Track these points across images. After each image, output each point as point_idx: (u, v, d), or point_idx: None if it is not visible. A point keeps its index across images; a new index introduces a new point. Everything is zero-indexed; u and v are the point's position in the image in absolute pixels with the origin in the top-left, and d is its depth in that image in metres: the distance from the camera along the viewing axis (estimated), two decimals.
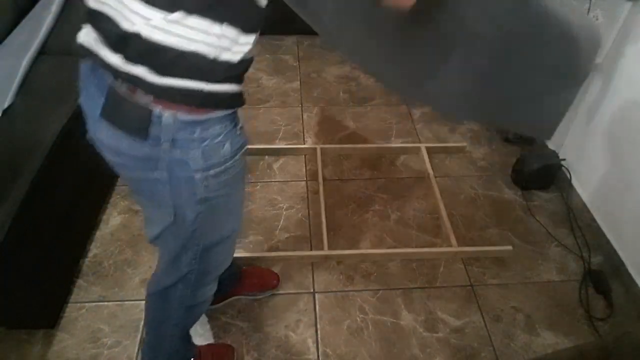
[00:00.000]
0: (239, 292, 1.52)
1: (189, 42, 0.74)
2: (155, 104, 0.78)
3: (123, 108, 0.82)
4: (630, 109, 1.58)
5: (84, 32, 0.88)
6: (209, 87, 0.80)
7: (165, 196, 0.90)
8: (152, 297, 1.14)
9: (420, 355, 1.42)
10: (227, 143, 0.86)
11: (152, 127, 0.80)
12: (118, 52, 0.78)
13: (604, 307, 1.55)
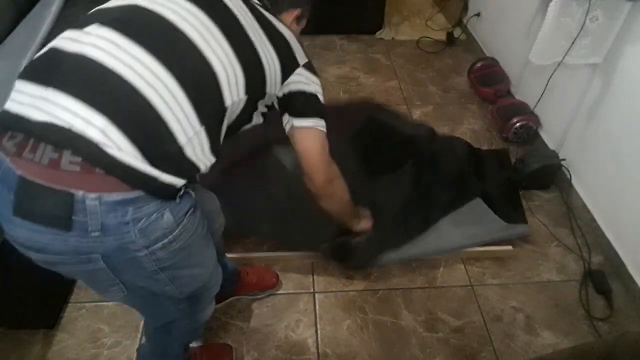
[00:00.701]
0: (239, 292, 1.52)
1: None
2: (76, 185, 0.68)
3: (38, 196, 0.69)
4: (630, 109, 1.58)
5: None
6: (154, 173, 0.72)
7: (110, 280, 0.81)
8: (154, 331, 1.12)
9: (420, 355, 1.42)
10: (166, 213, 0.76)
11: (75, 215, 0.69)
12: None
13: (604, 307, 1.55)
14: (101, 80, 0.74)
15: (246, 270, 1.54)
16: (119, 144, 0.70)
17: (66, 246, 0.73)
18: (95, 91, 0.73)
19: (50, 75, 0.77)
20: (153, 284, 0.85)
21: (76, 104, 0.71)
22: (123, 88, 0.73)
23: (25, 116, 0.72)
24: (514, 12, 2.35)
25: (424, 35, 2.94)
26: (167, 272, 0.83)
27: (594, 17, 1.60)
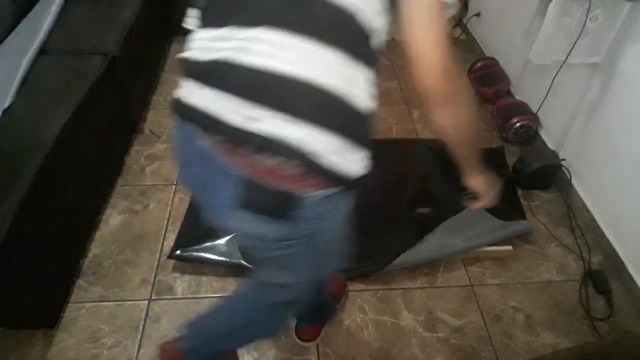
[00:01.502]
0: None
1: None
2: (295, 185, 0.76)
3: (263, 192, 0.77)
4: (630, 108, 1.58)
5: (196, 94, 0.79)
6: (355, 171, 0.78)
7: (298, 263, 0.91)
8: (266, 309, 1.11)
9: (420, 355, 1.42)
10: (348, 202, 0.85)
11: (295, 209, 0.78)
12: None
13: (604, 307, 1.55)
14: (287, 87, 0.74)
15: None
16: (327, 149, 0.75)
17: (278, 234, 0.82)
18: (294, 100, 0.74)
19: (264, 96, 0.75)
20: (315, 267, 0.95)
21: (270, 112, 0.73)
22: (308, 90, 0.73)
23: (235, 125, 0.74)
24: (514, 12, 2.35)
25: None
26: (329, 257, 0.95)
27: (593, 17, 1.60)
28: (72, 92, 1.66)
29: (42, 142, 1.44)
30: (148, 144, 2.13)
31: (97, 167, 1.81)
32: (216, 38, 0.78)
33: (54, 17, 2.01)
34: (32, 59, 1.76)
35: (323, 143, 0.74)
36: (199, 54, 0.80)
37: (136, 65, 2.19)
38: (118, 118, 2.03)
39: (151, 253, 1.68)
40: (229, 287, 1.58)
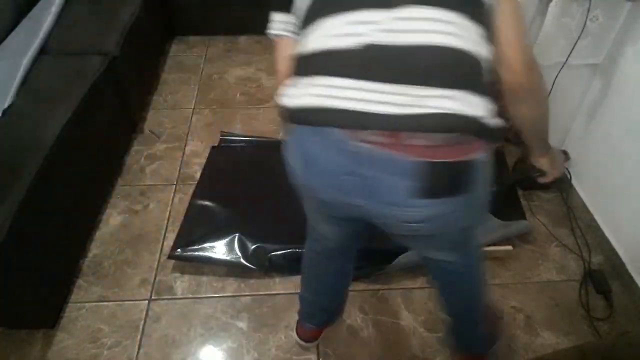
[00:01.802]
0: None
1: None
2: (464, 153, 0.77)
3: (438, 173, 0.76)
4: (630, 109, 1.58)
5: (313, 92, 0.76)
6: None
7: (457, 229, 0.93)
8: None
9: (420, 355, 1.42)
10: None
11: (470, 178, 0.79)
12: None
13: (604, 307, 1.55)
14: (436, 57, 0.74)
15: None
16: (486, 110, 0.76)
17: (456, 209, 0.82)
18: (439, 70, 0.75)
19: (390, 70, 0.75)
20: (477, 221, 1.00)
21: (430, 90, 0.73)
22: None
23: (389, 113, 0.73)
24: None
25: None
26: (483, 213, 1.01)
27: (594, 17, 1.59)
28: (72, 92, 1.66)
29: (42, 142, 1.44)
30: (148, 144, 2.13)
31: (97, 167, 1.81)
32: (349, 23, 0.76)
33: (54, 17, 2.01)
34: (32, 59, 1.76)
35: (482, 106, 0.76)
36: (330, 43, 0.76)
37: (136, 65, 2.19)
38: (118, 118, 2.03)
39: (151, 253, 1.68)
40: (229, 287, 1.58)
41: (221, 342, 1.44)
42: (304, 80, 0.80)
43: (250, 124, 2.25)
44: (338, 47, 0.77)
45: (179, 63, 2.69)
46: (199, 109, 2.35)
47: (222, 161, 2.01)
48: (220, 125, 2.23)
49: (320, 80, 0.77)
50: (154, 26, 2.59)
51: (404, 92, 0.73)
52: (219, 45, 2.84)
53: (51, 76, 1.74)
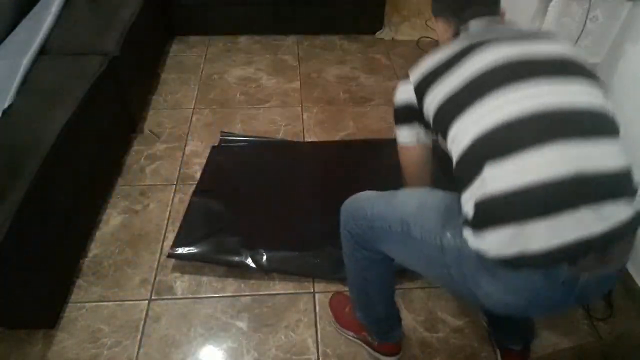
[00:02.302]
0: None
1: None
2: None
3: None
4: (630, 109, 1.57)
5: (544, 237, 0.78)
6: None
7: None
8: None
9: (420, 355, 1.42)
10: None
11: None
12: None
13: (604, 307, 1.55)
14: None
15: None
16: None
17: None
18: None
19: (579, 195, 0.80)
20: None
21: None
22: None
23: (586, 236, 0.77)
24: (514, 12, 2.35)
25: (424, 35, 2.94)
26: None
27: (594, 17, 1.59)
28: (72, 92, 1.66)
29: (42, 142, 1.44)
30: (148, 144, 2.13)
31: (97, 167, 1.81)
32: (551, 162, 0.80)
33: (54, 17, 2.01)
34: (32, 59, 1.76)
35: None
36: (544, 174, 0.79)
37: (136, 65, 2.19)
38: (118, 118, 2.03)
39: (151, 253, 1.68)
40: (229, 287, 1.58)
41: (221, 342, 1.44)
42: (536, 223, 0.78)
43: (250, 124, 2.25)
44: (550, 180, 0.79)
45: (179, 63, 2.69)
46: (199, 109, 2.35)
47: (222, 161, 2.01)
48: (220, 125, 2.23)
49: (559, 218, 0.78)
50: (154, 26, 2.59)
51: (601, 208, 0.78)
52: (219, 45, 2.84)
53: (51, 76, 1.74)
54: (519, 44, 0.91)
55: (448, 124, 0.89)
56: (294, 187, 1.88)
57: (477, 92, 0.86)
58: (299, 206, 1.81)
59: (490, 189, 0.80)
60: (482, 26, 1.03)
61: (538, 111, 0.82)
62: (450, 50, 0.96)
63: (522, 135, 0.81)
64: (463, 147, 0.85)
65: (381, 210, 1.04)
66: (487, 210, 0.80)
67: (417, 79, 1.00)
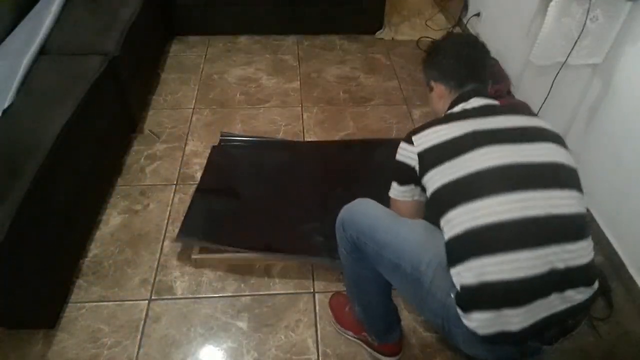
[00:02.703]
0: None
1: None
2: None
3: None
4: (630, 109, 1.58)
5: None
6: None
7: None
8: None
9: (420, 355, 1.42)
10: None
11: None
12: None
13: (604, 307, 1.55)
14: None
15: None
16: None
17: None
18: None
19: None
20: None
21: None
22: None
23: (551, 313, 0.95)
24: (514, 12, 2.35)
25: (424, 35, 2.94)
26: None
27: (594, 17, 1.59)
28: (72, 92, 1.66)
29: (42, 142, 1.44)
30: (148, 144, 2.13)
31: (97, 167, 1.80)
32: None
33: (54, 17, 2.01)
34: (32, 59, 1.76)
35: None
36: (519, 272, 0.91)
37: (136, 65, 2.19)
38: (118, 118, 2.03)
39: (151, 253, 1.68)
40: (229, 287, 1.58)
41: (221, 342, 1.44)
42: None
43: (250, 124, 2.25)
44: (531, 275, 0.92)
45: (179, 63, 2.69)
46: (199, 109, 2.35)
47: (223, 160, 2.01)
48: (220, 125, 2.23)
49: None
50: (154, 26, 2.59)
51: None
52: (219, 45, 2.84)
53: (51, 76, 1.74)
54: (518, 148, 1.01)
55: (445, 208, 0.98)
56: (294, 186, 1.88)
57: (477, 191, 0.96)
58: (299, 205, 1.81)
59: (477, 279, 0.91)
60: (481, 104, 1.12)
61: (524, 217, 0.93)
62: (456, 131, 1.03)
63: (507, 237, 0.92)
64: (454, 234, 0.95)
65: (391, 240, 1.07)
66: (473, 297, 0.92)
67: (423, 149, 1.04)
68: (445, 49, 1.20)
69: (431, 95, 1.24)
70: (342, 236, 1.18)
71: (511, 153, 0.99)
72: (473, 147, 0.99)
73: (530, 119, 1.12)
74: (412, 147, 1.06)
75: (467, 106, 1.12)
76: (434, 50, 1.22)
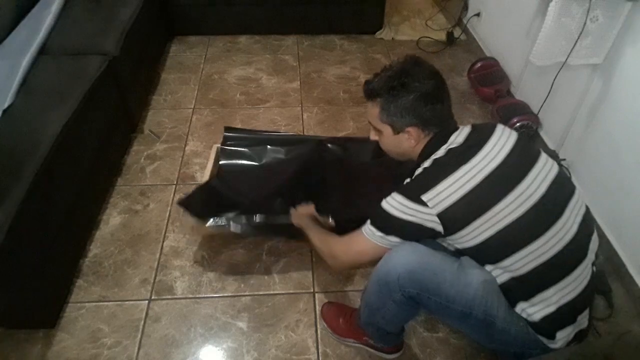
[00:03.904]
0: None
1: None
2: None
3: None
4: (630, 109, 1.58)
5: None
6: None
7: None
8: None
9: (420, 355, 1.42)
10: None
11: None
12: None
13: (604, 307, 1.55)
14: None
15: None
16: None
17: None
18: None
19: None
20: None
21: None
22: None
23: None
24: (514, 12, 2.35)
25: (424, 35, 2.94)
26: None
27: (594, 17, 1.59)
28: (72, 92, 1.66)
29: (42, 142, 1.44)
30: (148, 144, 2.13)
31: (97, 167, 1.80)
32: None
33: (54, 17, 2.01)
34: (32, 59, 1.76)
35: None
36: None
37: (136, 65, 2.19)
38: (118, 118, 2.03)
39: (151, 253, 1.68)
40: (229, 287, 1.58)
41: (221, 342, 1.44)
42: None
43: (250, 124, 2.25)
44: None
45: (179, 63, 2.69)
46: (199, 109, 2.35)
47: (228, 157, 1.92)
48: (220, 125, 2.23)
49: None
50: (154, 26, 2.59)
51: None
52: (219, 45, 2.84)
53: (51, 76, 1.74)
54: (529, 180, 1.03)
55: (499, 257, 1.03)
56: (301, 180, 1.81)
57: (526, 238, 1.01)
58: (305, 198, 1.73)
59: (555, 307, 1.04)
60: (460, 140, 1.08)
61: (566, 244, 1.04)
62: (468, 181, 1.01)
63: (562, 263, 1.05)
64: (519, 274, 1.03)
65: (460, 292, 1.05)
66: (553, 322, 1.04)
67: (443, 209, 1.01)
68: (414, 88, 1.07)
69: (397, 137, 1.14)
70: (392, 290, 1.08)
71: (529, 191, 1.02)
72: (498, 199, 1.00)
73: (503, 134, 1.10)
74: (427, 209, 1.01)
75: (454, 144, 1.07)
76: (401, 89, 1.08)
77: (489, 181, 1.01)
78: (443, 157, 1.07)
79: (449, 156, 1.07)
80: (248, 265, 1.65)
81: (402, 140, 1.14)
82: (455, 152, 1.06)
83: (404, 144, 1.14)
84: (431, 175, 1.05)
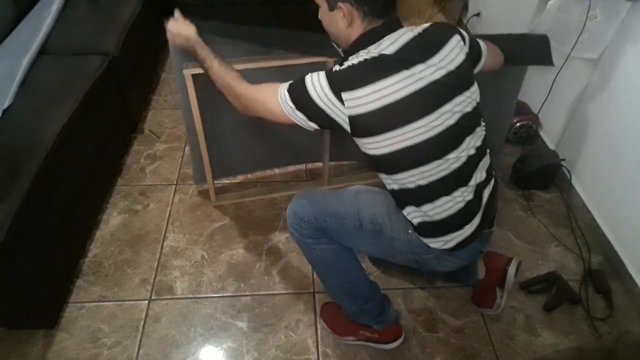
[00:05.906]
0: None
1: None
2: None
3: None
4: (630, 108, 1.58)
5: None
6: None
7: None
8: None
9: (420, 355, 1.42)
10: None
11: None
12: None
13: (604, 307, 1.55)
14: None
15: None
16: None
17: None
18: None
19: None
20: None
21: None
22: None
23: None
24: (513, 12, 2.35)
25: None
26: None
27: (592, 16, 1.60)
28: (72, 92, 1.66)
29: (42, 142, 1.44)
30: (148, 144, 2.13)
31: (97, 167, 1.80)
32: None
33: (54, 17, 2.01)
34: (32, 59, 1.76)
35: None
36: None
37: (136, 65, 2.19)
38: (118, 118, 2.03)
39: (151, 253, 1.68)
40: (229, 287, 1.58)
41: (221, 342, 1.44)
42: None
43: None
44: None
45: None
46: None
47: None
48: None
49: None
50: (154, 26, 2.58)
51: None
52: None
53: (51, 76, 1.74)
54: (452, 104, 1.06)
55: (398, 169, 1.09)
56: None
57: (425, 157, 1.08)
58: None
59: (434, 218, 1.13)
60: (398, 46, 1.04)
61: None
62: (390, 94, 1.01)
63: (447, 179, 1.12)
64: (407, 188, 1.12)
65: (345, 208, 1.21)
66: (430, 226, 1.15)
67: (356, 114, 1.02)
68: None
69: (332, 15, 1.09)
70: (300, 226, 1.22)
71: (443, 118, 1.05)
72: (412, 119, 1.03)
73: (452, 50, 1.07)
74: (342, 107, 1.02)
75: (386, 51, 1.03)
76: None
77: (410, 99, 1.01)
78: (372, 60, 1.02)
79: (378, 61, 1.02)
80: (248, 265, 1.65)
81: (337, 18, 1.08)
82: (385, 60, 1.02)
83: (339, 23, 1.08)
84: (357, 74, 1.02)
